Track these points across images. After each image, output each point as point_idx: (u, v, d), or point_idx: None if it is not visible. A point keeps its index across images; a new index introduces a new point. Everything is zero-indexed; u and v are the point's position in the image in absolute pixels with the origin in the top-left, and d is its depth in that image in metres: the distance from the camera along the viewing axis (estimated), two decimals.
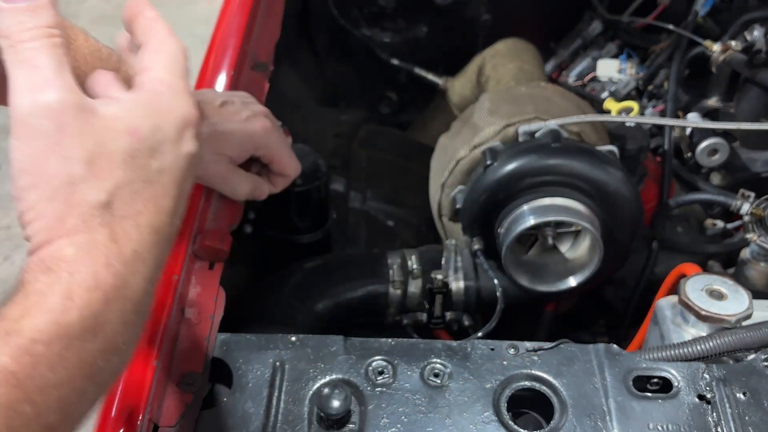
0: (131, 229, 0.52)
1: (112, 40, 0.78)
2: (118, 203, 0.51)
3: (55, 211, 0.49)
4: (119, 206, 0.51)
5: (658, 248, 1.23)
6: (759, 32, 1.28)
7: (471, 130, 1.10)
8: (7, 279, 2.53)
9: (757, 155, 1.35)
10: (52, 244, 0.49)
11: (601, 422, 0.72)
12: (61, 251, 0.48)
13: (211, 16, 1.34)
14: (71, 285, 0.47)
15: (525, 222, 0.95)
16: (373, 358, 0.78)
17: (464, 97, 1.57)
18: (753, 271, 1.03)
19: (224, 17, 1.28)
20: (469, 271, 1.02)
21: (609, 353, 0.78)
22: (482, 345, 0.79)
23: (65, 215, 0.49)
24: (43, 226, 0.49)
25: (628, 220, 0.99)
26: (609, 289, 1.33)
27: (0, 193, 2.86)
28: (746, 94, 1.33)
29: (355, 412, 0.73)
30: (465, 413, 0.73)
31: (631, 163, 1.15)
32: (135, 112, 0.55)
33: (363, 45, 1.68)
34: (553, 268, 1.02)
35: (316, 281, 0.97)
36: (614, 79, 1.54)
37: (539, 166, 0.96)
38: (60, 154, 0.49)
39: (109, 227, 0.50)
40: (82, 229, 0.49)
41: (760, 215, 1.09)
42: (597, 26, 1.63)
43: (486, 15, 1.65)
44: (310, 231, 1.10)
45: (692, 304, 0.82)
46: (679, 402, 0.74)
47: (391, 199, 1.37)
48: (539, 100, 1.09)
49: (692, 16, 1.40)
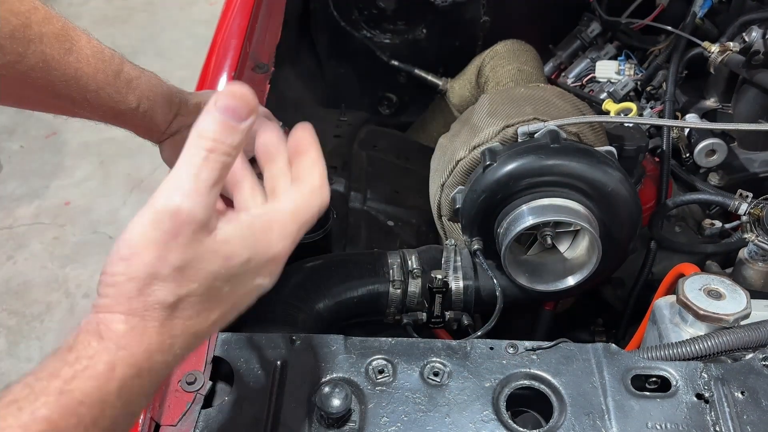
0: (179, 329, 0.57)
1: (114, 41, 0.78)
2: (180, 307, 0.57)
3: (129, 290, 0.54)
4: (180, 309, 0.57)
5: (656, 248, 1.24)
6: (757, 33, 1.28)
7: (470, 130, 1.10)
8: (10, 279, 2.54)
9: (755, 156, 1.35)
10: (112, 314, 0.54)
11: (600, 421, 0.73)
12: (115, 324, 0.54)
13: (213, 17, 1.35)
14: (116, 358, 0.53)
15: (524, 222, 0.95)
16: (373, 357, 0.78)
17: (464, 98, 1.57)
18: (751, 270, 1.04)
19: (225, 19, 1.28)
20: (469, 270, 1.03)
21: (607, 352, 0.79)
22: (481, 344, 0.80)
23: (134, 297, 0.54)
24: (113, 294, 0.55)
25: (626, 220, 1.00)
26: (607, 289, 1.33)
27: (2, 194, 2.87)
28: (744, 94, 1.34)
29: (355, 410, 0.73)
30: (464, 412, 0.73)
31: (630, 164, 1.15)
32: (240, 242, 0.59)
33: (363, 46, 1.69)
34: (551, 268, 1.02)
35: (316, 281, 0.98)
36: (613, 80, 1.54)
37: (538, 166, 0.96)
38: (161, 252, 0.54)
39: (162, 322, 0.55)
40: (140, 314, 0.55)
41: (758, 215, 1.09)
42: (596, 27, 1.64)
43: (485, 17, 1.66)
44: (311, 231, 1.10)
45: (690, 304, 0.83)
46: (678, 401, 0.74)
47: (391, 199, 1.38)
48: (538, 101, 1.09)
49: (690, 17, 1.40)
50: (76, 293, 2.49)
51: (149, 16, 3.92)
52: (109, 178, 2.95)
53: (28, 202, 2.84)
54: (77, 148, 3.04)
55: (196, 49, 3.59)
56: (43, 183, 2.92)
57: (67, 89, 0.78)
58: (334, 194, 1.30)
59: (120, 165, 2.98)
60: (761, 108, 1.33)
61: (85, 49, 0.78)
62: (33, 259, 2.62)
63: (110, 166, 2.98)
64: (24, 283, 2.53)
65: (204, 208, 0.55)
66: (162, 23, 3.86)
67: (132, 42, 3.68)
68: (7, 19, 0.71)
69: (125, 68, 0.83)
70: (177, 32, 3.78)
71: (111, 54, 0.81)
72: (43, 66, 0.75)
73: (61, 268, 2.58)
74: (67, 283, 2.53)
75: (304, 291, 0.96)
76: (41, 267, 2.59)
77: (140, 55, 3.60)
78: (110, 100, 0.82)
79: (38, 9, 0.74)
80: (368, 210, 1.33)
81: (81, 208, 2.82)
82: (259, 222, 0.61)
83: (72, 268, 2.58)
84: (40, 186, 2.91)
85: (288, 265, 0.86)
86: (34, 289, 2.51)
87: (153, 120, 0.88)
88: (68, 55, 0.76)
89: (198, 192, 0.55)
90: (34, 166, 3.00)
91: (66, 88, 0.78)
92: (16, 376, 0.56)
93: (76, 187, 2.91)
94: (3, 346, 2.32)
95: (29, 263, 2.60)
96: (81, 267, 2.59)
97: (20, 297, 2.48)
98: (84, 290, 2.51)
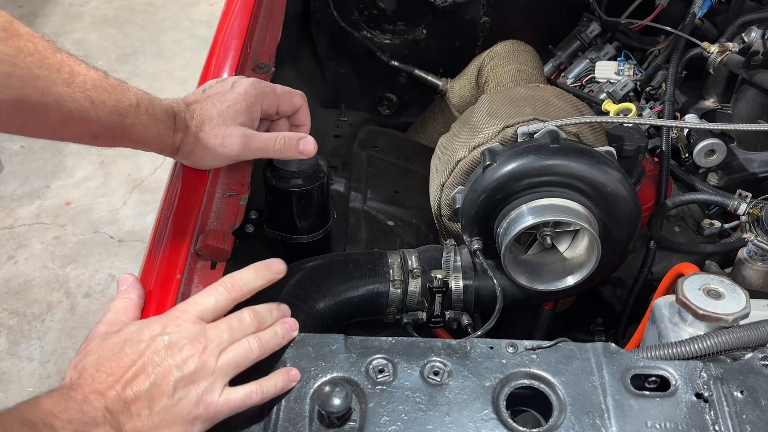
0: None
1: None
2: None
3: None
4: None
5: (655, 248, 1.24)
6: (756, 34, 1.28)
7: (470, 131, 1.11)
8: (11, 278, 2.54)
9: (754, 156, 1.35)
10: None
11: (599, 420, 0.73)
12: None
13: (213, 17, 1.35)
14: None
15: (524, 222, 0.95)
16: (373, 357, 0.78)
17: (463, 99, 1.58)
18: (750, 270, 1.04)
19: (226, 19, 1.29)
20: (469, 270, 1.03)
21: (607, 352, 0.79)
22: (481, 344, 0.80)
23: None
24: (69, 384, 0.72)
25: (625, 220, 1.00)
26: (607, 289, 1.33)
27: (2, 194, 2.87)
28: (743, 95, 1.34)
29: (355, 409, 0.73)
30: (464, 411, 0.74)
31: (629, 164, 1.15)
32: None
33: (363, 47, 1.69)
34: (551, 268, 1.02)
35: (316, 280, 0.98)
36: (612, 81, 1.55)
37: (538, 166, 0.96)
38: (116, 367, 0.73)
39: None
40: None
41: (757, 215, 1.10)
42: (595, 28, 1.64)
43: (485, 17, 1.66)
44: (311, 231, 1.10)
45: (690, 303, 0.83)
46: (677, 400, 0.74)
47: (391, 199, 1.38)
48: (538, 101, 1.09)
49: (690, 17, 1.41)
50: (76, 293, 2.50)
51: (149, 16, 3.92)
52: (110, 178, 2.95)
53: (29, 202, 2.84)
54: (78, 148, 3.04)
55: (197, 50, 3.60)
56: (44, 183, 2.93)
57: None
58: (334, 194, 1.30)
59: (120, 165, 2.98)
60: (760, 108, 1.33)
61: (88, 81, 0.82)
62: (34, 258, 2.62)
63: (111, 166, 2.99)
64: (25, 283, 2.53)
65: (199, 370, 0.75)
66: (162, 23, 3.86)
67: (132, 42, 3.68)
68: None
69: (127, 95, 0.86)
70: (177, 32, 3.79)
71: (114, 84, 0.85)
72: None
73: (61, 267, 2.59)
74: (68, 283, 2.53)
75: (304, 290, 0.96)
76: (42, 267, 2.59)
77: (140, 55, 3.60)
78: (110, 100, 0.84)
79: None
80: (368, 210, 1.33)
81: (81, 208, 2.82)
82: None
83: (72, 268, 2.58)
84: (41, 186, 2.92)
85: (288, 265, 0.87)
86: (35, 288, 2.51)
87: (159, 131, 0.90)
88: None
89: (199, 350, 0.74)
90: (34, 166, 3.00)
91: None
92: (17, 375, 0.57)
93: (77, 187, 2.91)
94: (3, 345, 2.32)
95: (30, 263, 2.60)
96: (82, 267, 2.59)
97: (21, 297, 2.48)
98: (84, 290, 2.51)
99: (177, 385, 0.71)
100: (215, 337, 0.75)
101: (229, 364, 0.75)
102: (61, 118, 0.79)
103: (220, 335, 0.76)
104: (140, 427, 0.70)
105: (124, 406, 0.70)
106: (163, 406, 0.71)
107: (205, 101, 0.97)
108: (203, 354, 0.73)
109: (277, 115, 1.05)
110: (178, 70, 3.51)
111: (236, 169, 1.02)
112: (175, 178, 1.02)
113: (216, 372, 0.73)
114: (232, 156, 0.97)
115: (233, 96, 0.97)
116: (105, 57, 3.54)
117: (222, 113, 0.96)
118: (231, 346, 0.76)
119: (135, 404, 0.70)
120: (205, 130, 0.95)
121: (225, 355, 0.75)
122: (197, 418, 0.72)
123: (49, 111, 0.77)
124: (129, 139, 0.88)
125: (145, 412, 0.70)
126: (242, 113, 0.97)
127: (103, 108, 0.82)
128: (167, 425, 0.71)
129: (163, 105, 0.91)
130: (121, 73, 3.62)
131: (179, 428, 0.72)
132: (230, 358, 0.75)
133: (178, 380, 0.72)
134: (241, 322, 0.78)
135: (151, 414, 0.70)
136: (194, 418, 0.72)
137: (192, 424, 0.72)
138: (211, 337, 0.75)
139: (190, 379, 0.72)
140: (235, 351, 0.76)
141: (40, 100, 0.76)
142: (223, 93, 0.98)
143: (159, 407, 0.71)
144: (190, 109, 0.95)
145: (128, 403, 0.70)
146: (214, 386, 0.73)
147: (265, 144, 0.98)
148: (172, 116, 0.92)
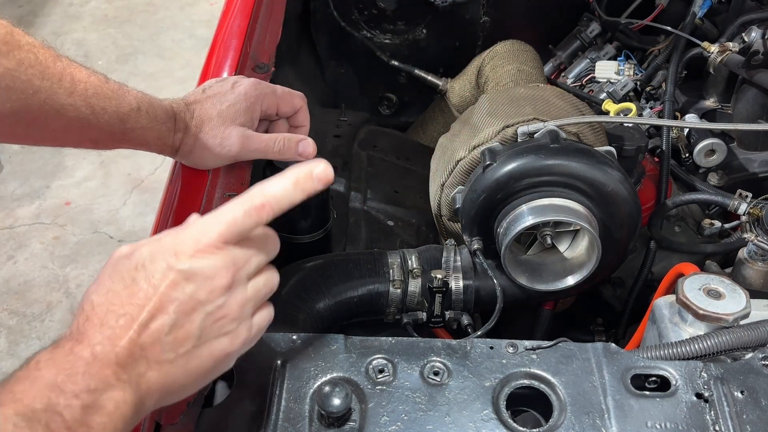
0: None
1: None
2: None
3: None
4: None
5: (656, 248, 1.24)
6: (756, 33, 1.28)
7: (470, 130, 1.10)
8: (11, 278, 2.54)
9: (754, 156, 1.35)
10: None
11: (600, 420, 0.73)
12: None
13: (213, 17, 1.35)
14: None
15: (524, 222, 0.95)
16: (373, 357, 0.78)
17: (463, 98, 1.58)
18: (750, 270, 1.04)
19: (226, 19, 1.29)
20: (469, 270, 1.03)
21: (607, 352, 0.79)
22: (481, 344, 0.80)
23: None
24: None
25: (626, 220, 1.00)
26: (607, 289, 1.33)
27: (2, 194, 2.88)
28: (743, 95, 1.34)
29: (355, 410, 0.73)
30: (464, 411, 0.73)
31: (629, 164, 1.15)
32: None
33: (363, 46, 1.69)
34: (551, 268, 1.02)
35: (316, 280, 0.98)
36: (612, 80, 1.55)
37: (538, 166, 0.96)
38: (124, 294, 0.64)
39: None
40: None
41: (757, 215, 1.10)
42: (595, 28, 1.64)
43: (485, 17, 1.66)
44: (311, 231, 1.10)
45: (690, 303, 0.83)
46: (677, 400, 0.74)
47: (391, 199, 1.38)
48: (538, 101, 1.09)
49: (690, 17, 1.41)
50: (76, 293, 2.50)
51: (149, 16, 3.92)
52: (110, 178, 2.96)
53: (29, 202, 2.84)
54: (78, 149, 3.04)
55: (197, 50, 3.60)
56: (44, 183, 2.93)
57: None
58: (334, 194, 1.30)
59: (120, 165, 2.98)
60: (760, 108, 1.33)
61: (90, 87, 0.82)
62: (33, 258, 2.62)
63: (110, 166, 2.99)
64: (24, 283, 2.53)
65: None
66: (162, 23, 3.86)
67: (132, 42, 3.68)
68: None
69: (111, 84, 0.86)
70: (177, 32, 3.79)
71: (114, 89, 0.85)
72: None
73: (61, 267, 2.59)
74: (68, 283, 2.53)
75: (304, 290, 0.96)
76: (42, 267, 2.59)
77: (140, 55, 3.60)
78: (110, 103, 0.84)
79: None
80: (368, 210, 1.33)
81: (81, 208, 2.83)
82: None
83: (72, 268, 2.58)
84: (41, 186, 2.92)
85: (288, 265, 0.87)
86: (35, 288, 2.51)
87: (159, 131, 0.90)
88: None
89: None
90: (34, 166, 3.00)
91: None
92: None
93: (77, 187, 2.91)
94: (3, 345, 2.32)
95: (30, 263, 2.61)
96: (81, 267, 2.59)
97: (21, 297, 2.48)
98: (84, 290, 2.51)
99: (204, 322, 0.62)
100: (243, 262, 0.65)
101: (259, 290, 0.67)
102: (62, 126, 0.79)
103: (248, 262, 0.66)
104: (162, 381, 0.61)
105: (141, 355, 0.59)
106: (189, 348, 0.62)
107: (205, 101, 0.97)
108: (232, 286, 0.64)
109: (276, 116, 1.05)
110: (178, 70, 3.51)
111: (236, 169, 1.02)
112: (175, 178, 1.02)
113: (247, 303, 0.66)
114: (230, 156, 0.98)
115: (233, 96, 0.98)
116: (105, 57, 3.54)
117: (222, 113, 0.96)
118: (260, 274, 0.68)
119: (154, 350, 0.60)
120: (204, 130, 0.95)
121: (255, 283, 0.67)
122: (229, 356, 0.66)
123: (50, 121, 0.77)
124: (129, 142, 0.88)
125: (169, 356, 0.60)
126: (242, 114, 0.97)
127: (104, 114, 0.82)
128: (196, 372, 0.63)
129: (164, 105, 0.91)
130: (121, 73, 3.63)
131: (210, 374, 0.65)
132: (261, 285, 0.67)
133: (206, 317, 0.62)
134: (266, 243, 0.68)
135: (176, 359, 0.61)
136: (226, 356, 0.65)
137: (224, 363, 0.65)
138: (239, 263, 0.65)
139: (219, 315, 0.63)
140: (265, 278, 0.68)
141: (41, 111, 0.76)
142: (223, 93, 0.98)
143: (184, 350, 0.61)
144: (189, 109, 0.95)
145: (145, 349, 0.59)
146: (244, 319, 0.66)
147: (265, 145, 0.98)
148: (173, 117, 0.92)
